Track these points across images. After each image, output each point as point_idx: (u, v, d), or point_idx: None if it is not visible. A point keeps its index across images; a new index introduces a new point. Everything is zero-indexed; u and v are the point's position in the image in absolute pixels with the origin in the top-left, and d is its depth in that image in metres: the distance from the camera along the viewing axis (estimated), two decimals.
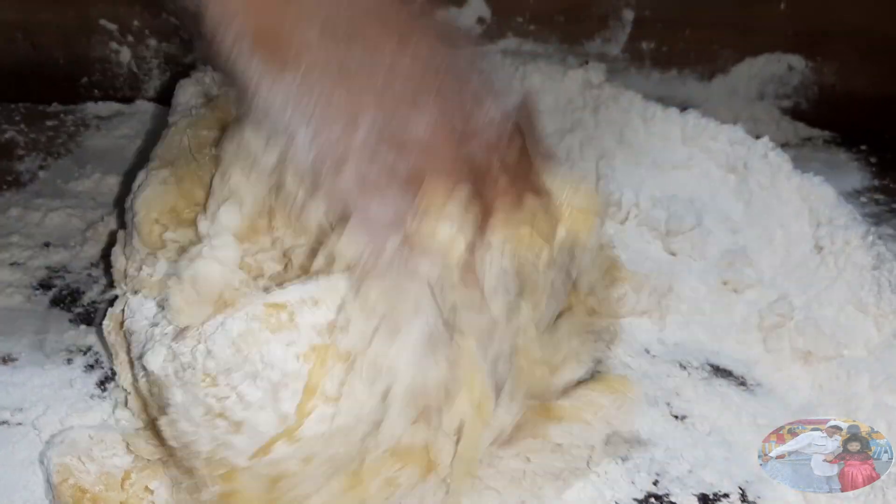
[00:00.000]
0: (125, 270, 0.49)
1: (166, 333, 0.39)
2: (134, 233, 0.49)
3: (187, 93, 0.65)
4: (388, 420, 0.38)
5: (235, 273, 0.41)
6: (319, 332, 0.36)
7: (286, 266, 0.43)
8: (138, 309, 0.44)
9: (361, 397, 0.36)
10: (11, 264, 0.59)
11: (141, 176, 0.53)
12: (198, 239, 0.43)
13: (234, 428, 0.36)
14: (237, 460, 0.36)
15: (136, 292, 0.45)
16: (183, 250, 0.46)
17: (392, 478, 0.39)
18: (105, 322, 0.48)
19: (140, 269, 0.47)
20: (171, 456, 0.40)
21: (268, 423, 0.36)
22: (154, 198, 0.49)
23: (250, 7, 0.40)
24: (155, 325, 0.41)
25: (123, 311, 0.46)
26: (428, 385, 0.38)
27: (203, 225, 0.43)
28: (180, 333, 0.38)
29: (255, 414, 0.35)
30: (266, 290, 0.40)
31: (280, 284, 0.42)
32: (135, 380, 0.43)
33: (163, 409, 0.39)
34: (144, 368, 0.40)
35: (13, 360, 0.51)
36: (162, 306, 0.42)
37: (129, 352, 0.45)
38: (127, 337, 0.45)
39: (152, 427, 0.42)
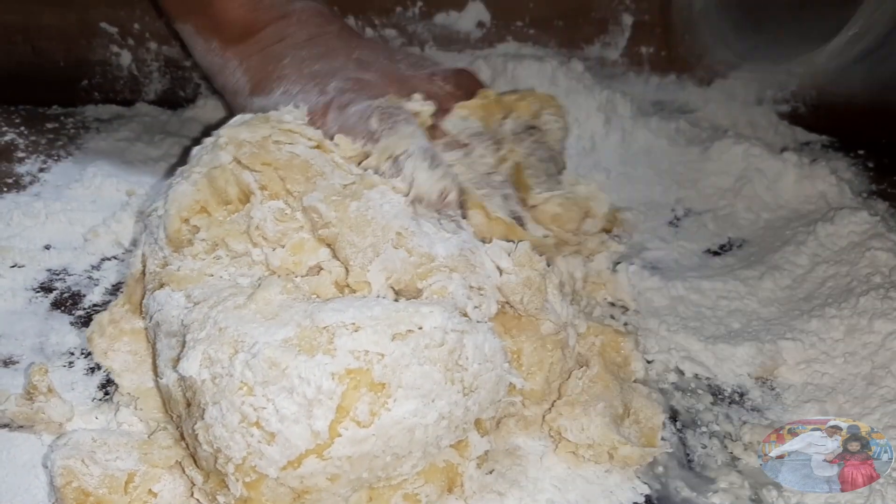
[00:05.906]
0: (142, 270, 0.48)
1: (200, 339, 0.39)
2: (160, 231, 0.48)
3: None
4: (412, 459, 0.38)
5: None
6: (357, 357, 0.37)
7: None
8: (166, 301, 0.44)
9: (391, 430, 0.37)
10: (12, 266, 0.59)
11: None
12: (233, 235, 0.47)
13: (268, 438, 0.36)
14: (268, 470, 0.37)
15: (161, 286, 0.45)
16: (214, 248, 0.46)
17: (412, 494, 0.40)
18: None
19: (164, 265, 0.47)
20: (193, 457, 0.40)
21: (301, 437, 0.36)
22: (184, 195, 0.48)
23: (247, 69, 0.63)
24: (185, 318, 0.42)
25: (145, 306, 0.46)
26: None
27: None
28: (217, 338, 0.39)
29: (289, 427, 0.36)
30: (307, 299, 0.42)
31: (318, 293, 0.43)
32: (157, 375, 0.43)
33: (196, 409, 0.39)
34: (177, 371, 0.40)
35: (14, 362, 0.51)
36: (191, 300, 0.43)
37: (154, 345, 0.45)
38: (154, 330, 0.44)
39: (173, 425, 0.42)
